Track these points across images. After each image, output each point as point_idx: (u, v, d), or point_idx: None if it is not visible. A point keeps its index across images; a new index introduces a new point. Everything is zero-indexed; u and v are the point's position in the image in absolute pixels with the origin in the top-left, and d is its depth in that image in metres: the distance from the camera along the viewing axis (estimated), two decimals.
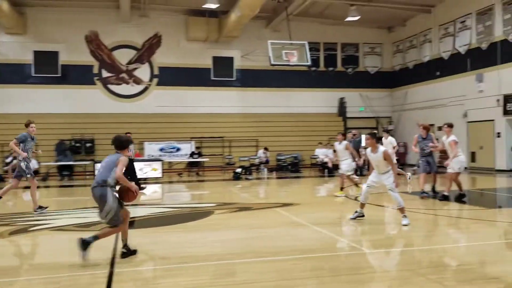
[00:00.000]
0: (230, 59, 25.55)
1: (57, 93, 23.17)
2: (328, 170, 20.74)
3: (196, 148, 22.53)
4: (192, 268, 5.62)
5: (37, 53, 23.15)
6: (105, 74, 24.14)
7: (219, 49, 25.32)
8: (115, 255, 6.10)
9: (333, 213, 10.32)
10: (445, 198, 10.93)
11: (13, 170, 10.58)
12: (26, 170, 9.85)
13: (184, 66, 24.70)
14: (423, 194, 11.51)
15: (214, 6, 21.64)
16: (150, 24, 24.38)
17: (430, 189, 12.02)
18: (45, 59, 23.17)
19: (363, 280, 5.08)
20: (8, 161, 18.69)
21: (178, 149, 22.53)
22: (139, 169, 18.28)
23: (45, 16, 23.04)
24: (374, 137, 8.19)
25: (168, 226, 8.65)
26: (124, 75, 24.39)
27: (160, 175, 18.51)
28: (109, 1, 23.08)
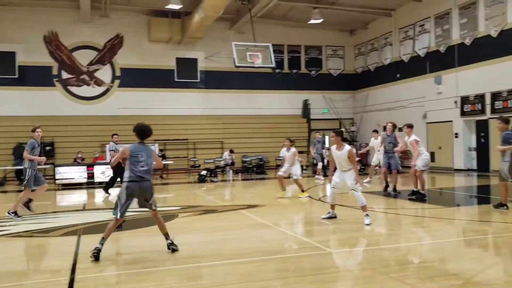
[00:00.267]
0: (194, 61, 25.39)
1: (14, 95, 22.41)
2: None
3: (160, 151, 22.23)
4: (157, 273, 5.54)
5: None
6: (65, 76, 23.53)
7: (183, 50, 25.12)
8: (77, 261, 5.94)
9: (298, 214, 10.40)
10: (414, 194, 11.36)
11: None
12: (28, 179, 9.82)
13: (147, 68, 24.37)
14: (394, 193, 12.20)
15: (177, 7, 21.45)
16: (112, 25, 23.94)
17: (392, 189, 12.42)
18: (1, 60, 22.40)
19: (327, 280, 5.12)
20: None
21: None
22: (101, 172, 17.99)
23: (2, 15, 22.26)
24: (340, 135, 8.33)
25: (131, 231, 8.50)
26: (85, 77, 23.85)
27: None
28: (69, 1, 22.50)
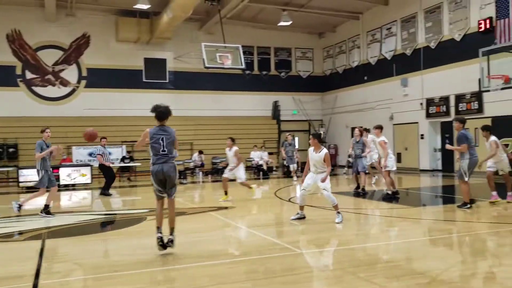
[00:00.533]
0: (163, 61, 25.15)
1: None
2: (263, 173, 20.93)
3: (128, 153, 21.93)
4: (125, 276, 5.43)
5: None
6: (29, 76, 22.92)
7: (151, 51, 24.84)
8: (41, 266, 5.78)
9: (268, 215, 10.41)
10: (394, 194, 11.80)
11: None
12: (41, 180, 9.81)
13: (114, 68, 23.99)
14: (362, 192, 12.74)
15: (146, 7, 21.22)
16: (78, 24, 23.47)
17: (361, 189, 12.75)
18: None
19: (298, 281, 5.14)
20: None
21: (109, 154, 21.79)
22: (67, 175, 17.60)
23: None
24: (317, 138, 8.48)
25: (99, 234, 8.34)
26: (50, 77, 23.29)
27: (89, 181, 17.88)
28: None
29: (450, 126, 19.44)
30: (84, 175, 17.80)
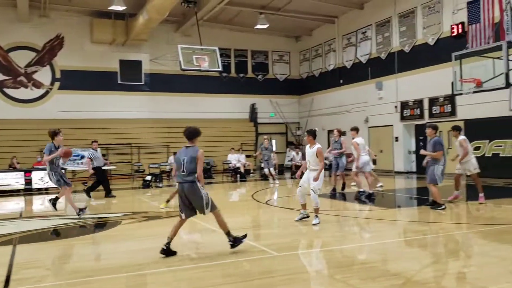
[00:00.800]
0: (139, 63, 24.91)
1: None
2: (241, 175, 20.89)
3: (102, 155, 21.54)
4: (99, 282, 5.34)
5: None
6: (1, 77, 22.38)
7: (127, 52, 24.58)
8: (11, 272, 5.63)
9: (245, 218, 10.39)
10: (370, 195, 12.20)
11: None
12: (57, 180, 10.06)
13: (89, 70, 23.65)
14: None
15: (121, 8, 21.00)
16: (51, 25, 23.06)
17: (340, 189, 13.08)
18: None
19: (274, 283, 5.13)
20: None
21: (83, 157, 21.40)
22: (39, 178, 17.26)
23: None
24: (311, 134, 8.72)
25: (73, 238, 8.19)
26: (23, 78, 22.81)
27: None
28: None
29: (424, 129, 19.69)
30: None
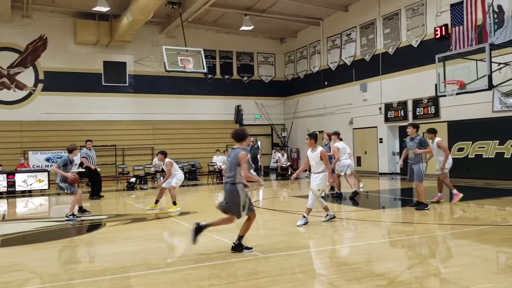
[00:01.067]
0: (123, 64, 24.73)
1: None
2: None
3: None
4: (82, 285, 5.28)
5: None
6: None
7: (111, 54, 24.40)
8: None
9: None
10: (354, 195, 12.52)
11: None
12: (67, 187, 10.32)
13: (73, 71, 23.42)
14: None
15: (105, 9, 20.85)
16: (34, 26, 22.79)
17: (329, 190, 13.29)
18: None
19: (260, 285, 5.13)
20: None
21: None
22: (23, 181, 17.05)
23: None
24: (312, 138, 8.64)
25: (56, 241, 8.10)
26: (5, 80, 22.49)
27: (47, 187, 17.37)
28: None
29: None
30: (41, 181, 17.28)
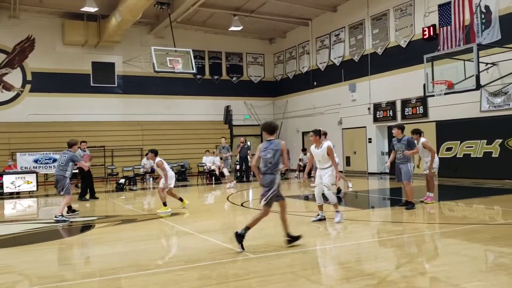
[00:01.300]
0: (111, 65, 24.62)
1: None
2: (215, 178, 20.84)
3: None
4: (72, 287, 5.26)
5: None
6: None
7: (99, 54, 24.27)
8: None
9: (220, 220, 10.36)
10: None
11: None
12: (68, 188, 10.47)
13: (61, 72, 23.26)
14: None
15: (93, 10, 20.73)
16: (22, 26, 22.60)
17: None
18: None
19: (250, 285, 5.14)
20: None
21: (55, 160, 21.01)
22: (11, 182, 16.90)
23: None
24: (318, 134, 8.67)
25: (45, 243, 8.03)
26: None
27: (35, 188, 17.23)
28: None
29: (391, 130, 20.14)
30: (30, 183, 17.14)
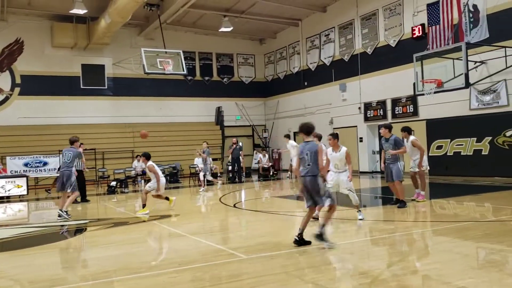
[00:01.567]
0: (101, 67, 24.48)
1: None
2: (207, 179, 20.76)
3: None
4: None
5: None
6: None
7: (89, 57, 24.13)
8: None
9: (213, 222, 10.36)
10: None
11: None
12: (74, 184, 11.12)
13: (50, 74, 23.09)
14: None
15: (82, 12, 20.61)
16: (10, 29, 22.40)
17: None
18: None
19: (243, 287, 5.13)
20: None
21: (45, 163, 20.91)
22: (1, 187, 16.74)
23: None
24: (336, 138, 8.85)
25: (36, 247, 7.97)
26: None
27: (25, 192, 17.09)
28: None
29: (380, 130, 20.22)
30: (20, 186, 16.99)
